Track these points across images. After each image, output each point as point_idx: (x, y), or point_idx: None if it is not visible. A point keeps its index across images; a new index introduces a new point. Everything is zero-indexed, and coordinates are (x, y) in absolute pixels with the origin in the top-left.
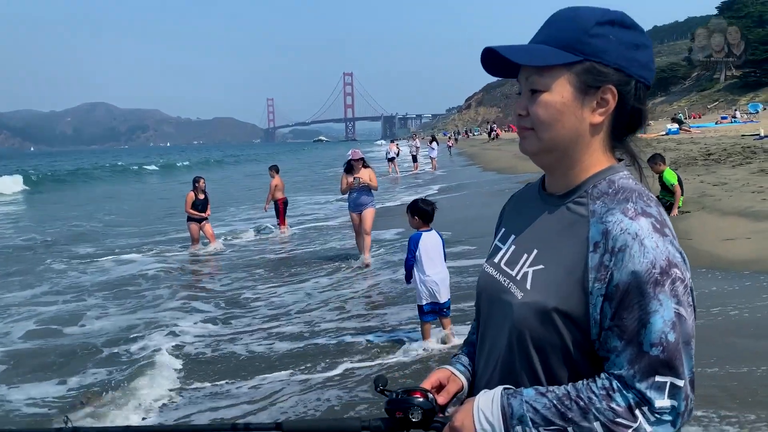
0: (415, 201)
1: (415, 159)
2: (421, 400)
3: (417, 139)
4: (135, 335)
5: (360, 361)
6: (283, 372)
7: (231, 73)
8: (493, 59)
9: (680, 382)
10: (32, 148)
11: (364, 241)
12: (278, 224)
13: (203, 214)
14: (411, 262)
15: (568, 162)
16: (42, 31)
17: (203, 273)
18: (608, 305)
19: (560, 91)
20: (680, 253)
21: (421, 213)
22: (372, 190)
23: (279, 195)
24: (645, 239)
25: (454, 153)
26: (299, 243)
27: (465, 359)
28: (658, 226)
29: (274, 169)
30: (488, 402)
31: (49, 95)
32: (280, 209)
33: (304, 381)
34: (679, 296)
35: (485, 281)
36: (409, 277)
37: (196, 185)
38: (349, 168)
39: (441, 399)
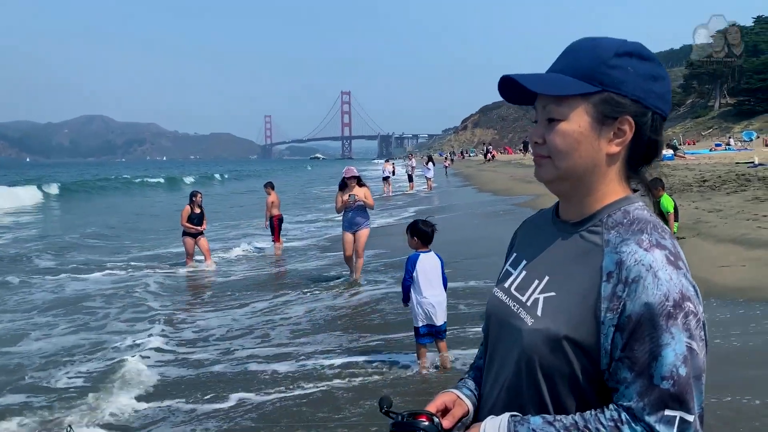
0: (416, 222)
1: (410, 179)
2: (426, 423)
3: (413, 159)
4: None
5: (257, 392)
6: (169, 401)
7: (229, 90)
8: (510, 87)
9: (690, 417)
10: (28, 159)
11: (356, 263)
12: (273, 240)
13: (199, 228)
14: (408, 283)
15: (584, 190)
16: (42, 42)
17: (152, 291)
18: (620, 336)
19: (578, 121)
20: (693, 286)
21: (421, 234)
22: (367, 210)
23: (275, 211)
24: (659, 271)
25: (450, 173)
26: (280, 262)
27: (471, 383)
28: (672, 258)
29: (270, 186)
30: (495, 428)
31: (48, 106)
32: (275, 226)
33: (190, 411)
34: (692, 330)
35: (495, 306)
36: (406, 298)
37: (193, 199)
38: (344, 186)
39: (446, 423)
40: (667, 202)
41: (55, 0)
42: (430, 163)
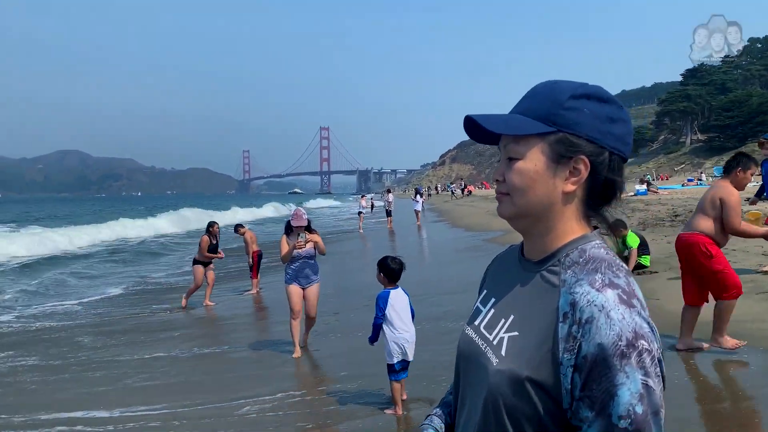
0: (385, 258)
1: (389, 213)
2: None
3: (390, 194)
4: None
5: None
6: None
7: (207, 125)
8: (475, 126)
9: None
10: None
11: (306, 325)
12: (251, 277)
13: (217, 256)
14: (380, 321)
15: (543, 228)
16: (16, 76)
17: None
18: (578, 376)
19: (534, 160)
20: (648, 323)
21: (388, 271)
22: (317, 264)
23: (254, 248)
24: (611, 311)
25: (426, 207)
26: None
27: (438, 422)
28: (625, 297)
29: (240, 226)
30: None
31: (22, 142)
32: (255, 262)
33: None
34: (647, 368)
35: (465, 344)
36: (375, 338)
37: (210, 230)
38: (289, 231)
39: None
40: (631, 239)
41: (29, 34)
42: (418, 196)
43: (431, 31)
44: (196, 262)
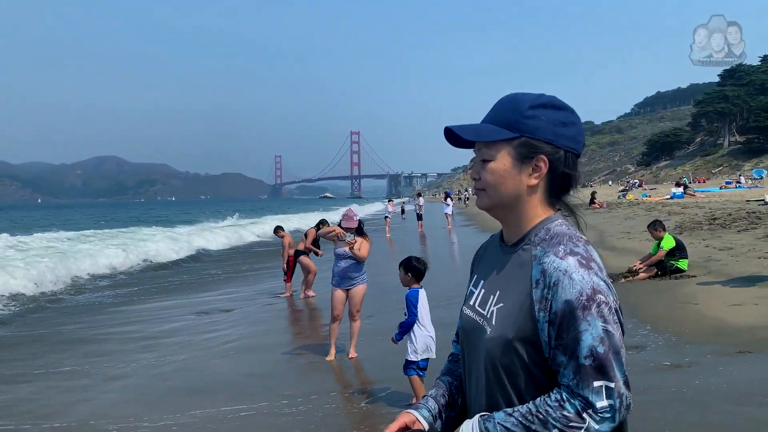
0: (409, 258)
1: (419, 217)
2: None
3: (421, 198)
4: None
5: None
6: None
7: (240, 130)
8: (453, 135)
9: (612, 384)
10: (39, 200)
11: (351, 327)
12: (284, 280)
13: (317, 251)
14: (415, 320)
15: (515, 216)
16: (57, 84)
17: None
18: (552, 329)
19: (502, 161)
20: (604, 281)
21: (415, 271)
22: (363, 264)
23: (291, 252)
24: (573, 273)
25: (454, 212)
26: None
27: (431, 403)
28: (584, 262)
29: (281, 229)
30: (469, 429)
31: (61, 148)
32: (291, 266)
33: None
34: (605, 316)
35: (466, 322)
36: (403, 335)
37: (320, 226)
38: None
39: None
40: (666, 241)
41: (68, 42)
42: (448, 199)
43: (464, 31)
44: (298, 254)
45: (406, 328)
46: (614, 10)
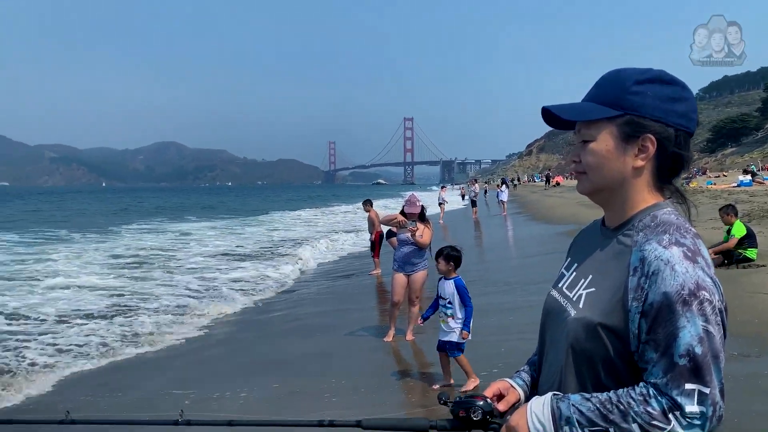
0: (449, 248)
1: (474, 204)
2: (481, 402)
3: (476, 185)
4: None
5: None
6: None
7: (296, 117)
8: (552, 115)
9: (707, 390)
10: (104, 184)
11: (410, 311)
12: (372, 257)
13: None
14: (472, 308)
15: (618, 200)
16: (121, 72)
17: None
18: (644, 321)
19: (604, 141)
20: (711, 278)
21: (457, 260)
22: (426, 251)
23: (378, 228)
24: (676, 265)
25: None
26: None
27: (525, 375)
28: (689, 254)
29: (368, 203)
30: (540, 405)
31: (125, 134)
32: (376, 243)
33: None
34: (707, 315)
35: (549, 303)
36: (470, 325)
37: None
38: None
39: (501, 406)
40: (737, 228)
41: (131, 33)
42: (504, 186)
43: (517, 17)
44: (390, 235)
45: (470, 317)
46: None
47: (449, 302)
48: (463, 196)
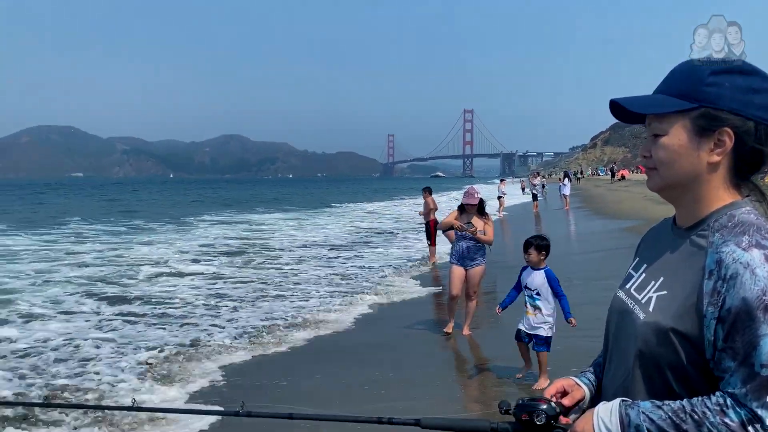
0: (538, 238)
1: (535, 198)
2: (545, 406)
3: (538, 178)
4: None
5: None
6: None
7: (357, 110)
8: (621, 108)
9: None
10: (171, 176)
11: (467, 306)
12: (429, 245)
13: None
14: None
15: (691, 197)
16: (189, 67)
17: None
18: (721, 328)
19: (677, 135)
20: None
21: (548, 249)
22: (485, 245)
23: (432, 216)
24: (756, 269)
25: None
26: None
27: (591, 375)
28: None
29: (427, 191)
30: (607, 411)
31: (191, 126)
32: (432, 230)
33: None
34: None
35: (616, 305)
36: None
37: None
38: (462, 210)
39: (566, 401)
40: None
41: (198, 37)
42: (566, 180)
43: (584, 5)
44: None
45: (567, 304)
46: None
47: (537, 293)
48: (523, 189)
